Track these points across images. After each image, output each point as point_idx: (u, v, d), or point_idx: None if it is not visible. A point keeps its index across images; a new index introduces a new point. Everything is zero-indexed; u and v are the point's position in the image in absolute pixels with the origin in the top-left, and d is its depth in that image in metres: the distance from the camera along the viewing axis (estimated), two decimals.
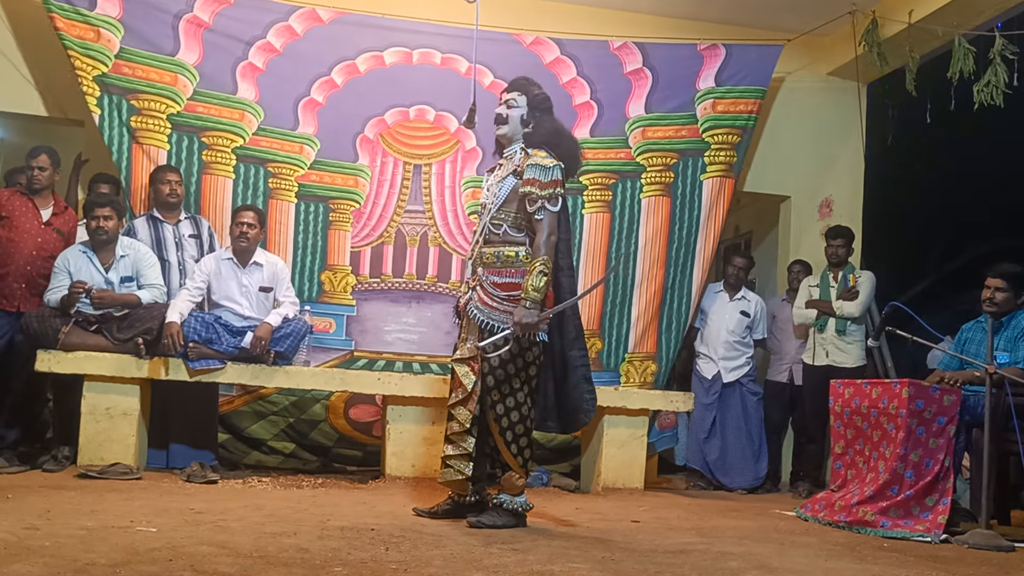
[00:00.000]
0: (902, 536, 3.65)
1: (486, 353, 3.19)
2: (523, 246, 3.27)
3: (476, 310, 3.25)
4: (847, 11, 5.64)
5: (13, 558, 2.25)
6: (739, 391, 5.50)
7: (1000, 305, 4.09)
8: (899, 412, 3.80)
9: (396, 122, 5.44)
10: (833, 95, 6.22)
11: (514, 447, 3.26)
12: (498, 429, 3.25)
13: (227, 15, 5.17)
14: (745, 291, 5.67)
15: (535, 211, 3.20)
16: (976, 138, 7.67)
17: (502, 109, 3.35)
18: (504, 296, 3.21)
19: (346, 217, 5.37)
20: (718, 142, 5.65)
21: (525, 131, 3.33)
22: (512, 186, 3.27)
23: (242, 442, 5.08)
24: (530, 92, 3.36)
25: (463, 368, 3.32)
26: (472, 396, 3.29)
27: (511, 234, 3.27)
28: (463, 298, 3.39)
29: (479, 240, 3.33)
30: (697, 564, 2.79)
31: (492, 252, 3.27)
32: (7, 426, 4.37)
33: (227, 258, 4.62)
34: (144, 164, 5.03)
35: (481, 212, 3.42)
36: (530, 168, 3.21)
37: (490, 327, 3.22)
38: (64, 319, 4.22)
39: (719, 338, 5.52)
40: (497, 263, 3.26)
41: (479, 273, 3.30)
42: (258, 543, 2.67)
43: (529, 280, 3.12)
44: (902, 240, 9.05)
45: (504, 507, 3.28)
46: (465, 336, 3.35)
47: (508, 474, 3.31)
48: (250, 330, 4.44)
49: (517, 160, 3.29)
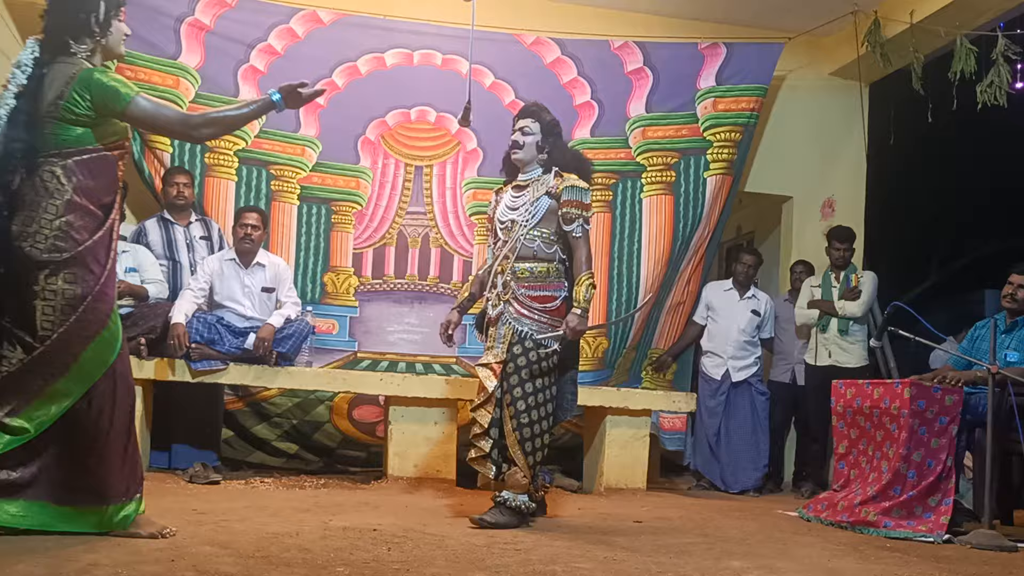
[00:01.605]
0: (905, 536, 3.65)
1: (551, 344, 3.42)
2: (552, 262, 3.51)
3: (514, 321, 3.44)
4: (849, 11, 5.64)
5: (16, 559, 2.26)
6: (748, 391, 5.45)
7: (1021, 303, 4.12)
8: (901, 412, 3.80)
9: (397, 123, 5.45)
10: (835, 95, 6.21)
11: (528, 445, 3.39)
12: (512, 426, 3.38)
13: (228, 18, 5.18)
14: (755, 290, 5.63)
15: (572, 229, 3.46)
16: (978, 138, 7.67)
17: (518, 136, 3.56)
18: (540, 308, 3.45)
19: (348, 219, 5.38)
20: (720, 140, 5.64)
21: (540, 156, 3.56)
22: (548, 206, 3.49)
23: (246, 442, 5.09)
24: (543, 119, 3.58)
25: (485, 372, 3.46)
26: (492, 399, 3.43)
27: (544, 251, 3.50)
28: (492, 311, 3.52)
29: (509, 256, 3.49)
30: (699, 564, 2.79)
31: (526, 268, 3.48)
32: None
33: (230, 259, 4.63)
34: (155, 166, 5.06)
35: (504, 228, 3.55)
36: (569, 190, 3.47)
37: (529, 336, 3.42)
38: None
39: (730, 337, 5.47)
40: (531, 278, 3.47)
41: (512, 287, 3.47)
42: (260, 543, 2.67)
43: (580, 291, 3.40)
44: (904, 240, 9.06)
45: (507, 505, 3.34)
46: (491, 345, 3.50)
47: (512, 470, 3.39)
48: (253, 331, 4.45)
49: (551, 183, 3.50)
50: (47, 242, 2.48)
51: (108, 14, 2.62)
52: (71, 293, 2.50)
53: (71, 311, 2.49)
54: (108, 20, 2.62)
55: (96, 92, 2.52)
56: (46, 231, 2.48)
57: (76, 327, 2.50)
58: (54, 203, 2.50)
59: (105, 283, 2.56)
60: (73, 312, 2.49)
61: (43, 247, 2.48)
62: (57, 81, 2.52)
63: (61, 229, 2.49)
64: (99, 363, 2.55)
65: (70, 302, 2.50)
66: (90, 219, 2.55)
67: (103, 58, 2.67)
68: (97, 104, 2.53)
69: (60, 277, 2.49)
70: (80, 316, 2.50)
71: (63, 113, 2.51)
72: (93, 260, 2.54)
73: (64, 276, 2.50)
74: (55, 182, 2.50)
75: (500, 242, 3.57)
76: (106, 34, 2.63)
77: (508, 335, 3.43)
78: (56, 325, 2.49)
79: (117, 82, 2.58)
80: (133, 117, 2.59)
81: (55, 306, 2.49)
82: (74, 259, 2.50)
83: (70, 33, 2.57)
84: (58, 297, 2.49)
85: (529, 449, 3.38)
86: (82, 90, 2.51)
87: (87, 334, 2.51)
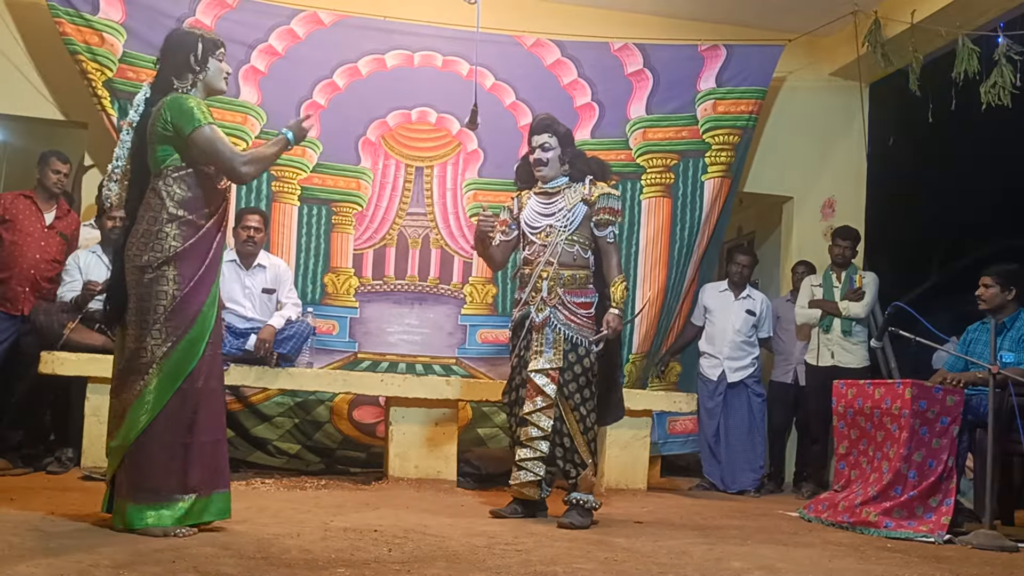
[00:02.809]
0: (906, 537, 3.65)
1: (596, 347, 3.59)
2: (588, 268, 3.67)
3: (564, 327, 3.56)
4: (849, 11, 5.64)
5: (17, 559, 2.26)
6: (745, 392, 5.46)
7: (988, 301, 4.16)
8: (902, 412, 3.80)
9: (398, 124, 5.45)
10: (835, 95, 6.21)
11: (593, 446, 3.57)
12: (580, 428, 3.52)
13: (229, 19, 5.18)
14: (750, 289, 5.65)
15: (606, 235, 3.65)
16: (978, 138, 7.66)
17: (540, 154, 3.68)
18: (584, 314, 3.61)
19: (348, 220, 5.38)
20: (719, 143, 5.65)
21: (563, 168, 3.70)
22: (584, 213, 3.64)
23: (247, 442, 5.09)
24: (559, 131, 3.70)
25: (543, 379, 3.54)
26: (554, 404, 3.52)
27: (581, 256, 3.65)
28: (538, 316, 3.59)
29: (551, 261, 3.60)
30: (700, 565, 2.79)
31: (570, 275, 3.62)
32: (11, 428, 4.38)
33: (230, 260, 4.63)
34: None
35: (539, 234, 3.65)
36: (604, 198, 3.65)
37: (581, 343, 3.55)
38: (72, 315, 4.24)
39: (726, 338, 5.48)
40: (575, 284, 3.62)
41: (559, 293, 3.58)
42: (261, 544, 2.67)
43: (616, 292, 3.61)
44: (904, 241, 9.04)
45: (585, 507, 3.50)
46: (540, 349, 3.57)
47: (585, 473, 3.52)
48: (253, 332, 4.45)
49: (586, 190, 3.65)
50: (146, 248, 2.78)
51: (206, 53, 2.91)
52: (162, 295, 2.76)
53: (160, 312, 2.75)
54: (206, 58, 2.91)
55: (175, 112, 2.80)
56: (145, 239, 2.79)
57: (165, 328, 2.75)
58: (155, 215, 2.80)
59: (194, 288, 2.79)
60: (164, 313, 2.75)
61: (142, 253, 2.78)
62: (156, 110, 2.84)
63: (157, 237, 2.78)
64: (183, 366, 2.75)
65: (159, 304, 2.75)
66: (187, 228, 2.81)
67: (205, 94, 2.94)
68: (175, 123, 2.79)
69: (152, 280, 2.76)
70: (168, 317, 2.75)
71: (157, 134, 2.82)
72: (186, 265, 2.79)
73: (156, 279, 2.76)
74: (156, 197, 2.82)
75: (536, 247, 3.66)
76: (204, 70, 2.92)
77: (559, 341, 3.54)
78: (146, 326, 2.74)
79: (196, 108, 2.81)
80: (194, 143, 2.81)
81: (147, 307, 2.76)
82: (167, 262, 2.77)
83: (173, 72, 2.91)
84: (150, 300, 2.75)
85: (594, 449, 3.57)
86: (167, 111, 2.81)
87: (174, 336, 2.75)
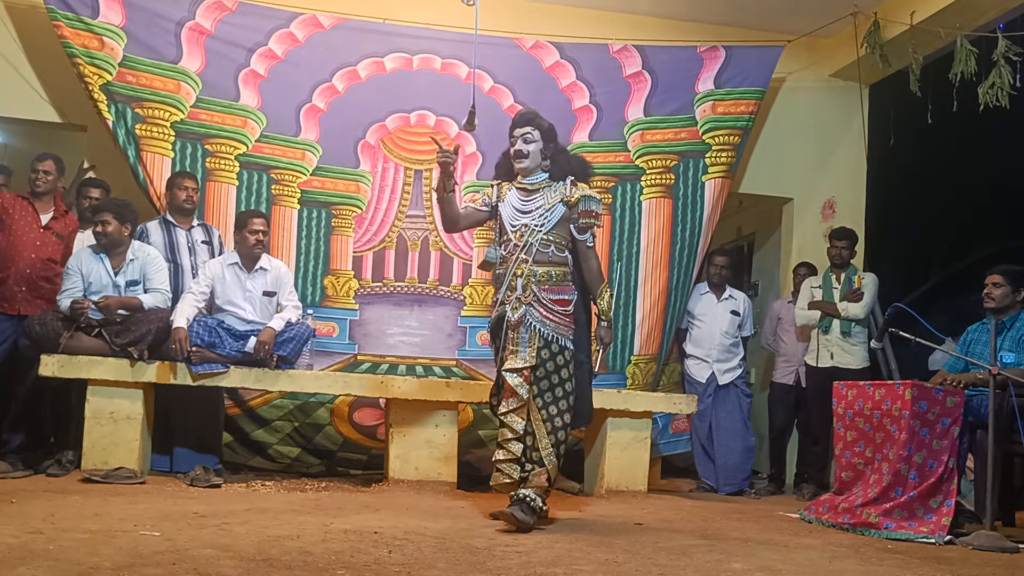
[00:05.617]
0: (906, 538, 3.64)
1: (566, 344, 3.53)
2: (565, 266, 3.61)
3: (539, 325, 3.50)
4: (849, 13, 5.65)
5: (17, 561, 2.26)
6: (734, 392, 5.49)
7: (998, 300, 4.16)
8: (902, 413, 3.80)
9: (397, 127, 5.46)
10: (835, 97, 6.22)
11: (561, 448, 3.47)
12: (547, 429, 3.46)
13: (229, 22, 5.19)
14: (731, 290, 5.68)
15: (586, 239, 3.61)
16: (978, 139, 7.67)
17: (521, 145, 3.61)
18: (562, 311, 3.54)
19: (348, 222, 5.38)
20: (719, 143, 5.65)
21: (544, 162, 3.64)
22: (563, 214, 3.58)
23: (247, 446, 5.09)
24: (542, 125, 3.63)
25: (517, 379, 3.49)
26: (525, 404, 3.48)
27: (557, 255, 3.58)
28: (513, 315, 3.52)
29: (526, 259, 3.54)
30: (700, 566, 2.79)
31: (545, 272, 3.55)
32: (12, 431, 4.38)
33: (232, 263, 4.64)
34: (149, 171, 5.05)
35: (516, 231, 3.59)
36: (585, 200, 3.59)
37: (555, 340, 3.50)
38: (68, 323, 4.24)
39: (713, 340, 5.51)
40: (551, 282, 3.55)
41: (534, 290, 3.52)
42: (261, 546, 2.67)
43: (603, 304, 3.62)
44: (904, 242, 9.05)
45: (531, 504, 3.39)
46: (515, 348, 3.52)
47: (538, 471, 3.45)
48: (253, 334, 4.45)
49: (567, 190, 3.60)
50: None
51: None
52: None
53: None
54: None
55: None
56: None
57: None
58: None
59: None
60: None
61: None
62: None
63: None
64: None
65: None
66: None
67: None
68: None
69: None
70: None
71: None
72: None
73: None
74: None
75: (511, 246, 3.60)
76: None
77: (534, 339, 3.48)
78: None
79: None
80: None
81: None
82: None
83: None
84: None
85: (560, 452, 3.48)
86: None
87: None
